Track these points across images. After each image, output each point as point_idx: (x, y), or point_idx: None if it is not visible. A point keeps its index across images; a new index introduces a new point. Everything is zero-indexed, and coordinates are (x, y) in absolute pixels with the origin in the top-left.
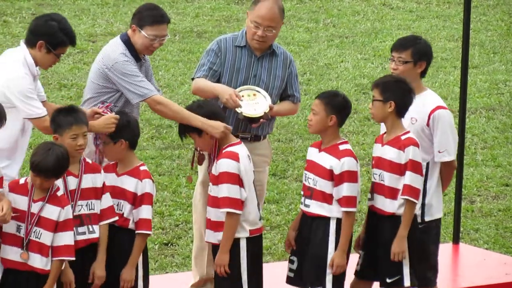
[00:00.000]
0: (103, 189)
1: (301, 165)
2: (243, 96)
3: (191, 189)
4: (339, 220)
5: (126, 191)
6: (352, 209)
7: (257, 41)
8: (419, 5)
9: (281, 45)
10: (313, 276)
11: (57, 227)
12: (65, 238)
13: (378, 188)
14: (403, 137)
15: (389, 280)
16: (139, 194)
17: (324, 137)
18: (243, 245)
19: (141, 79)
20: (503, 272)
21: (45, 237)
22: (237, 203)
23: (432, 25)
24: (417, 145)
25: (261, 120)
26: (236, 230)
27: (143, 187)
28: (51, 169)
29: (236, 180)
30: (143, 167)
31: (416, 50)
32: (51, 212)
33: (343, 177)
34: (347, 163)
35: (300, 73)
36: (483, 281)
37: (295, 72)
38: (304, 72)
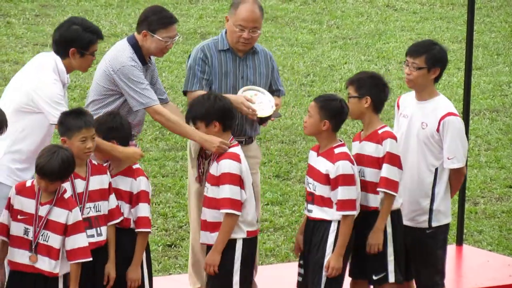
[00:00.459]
0: (109, 190)
1: (304, 166)
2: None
3: None
4: (340, 223)
5: (121, 191)
6: (348, 212)
7: (243, 43)
8: (423, 7)
9: (285, 46)
10: (312, 278)
11: (67, 230)
12: (79, 240)
13: (360, 184)
14: (380, 131)
15: (375, 277)
16: (134, 192)
17: (320, 140)
18: (239, 245)
19: (145, 86)
20: (507, 273)
21: (53, 240)
22: (237, 204)
23: (435, 27)
24: (394, 137)
25: (272, 118)
26: (232, 231)
27: (138, 185)
28: (56, 172)
29: (238, 181)
30: (136, 166)
31: (430, 56)
32: (59, 215)
33: (338, 181)
34: (342, 167)
35: (303, 74)
36: (487, 283)
37: (276, 67)
38: (307, 73)
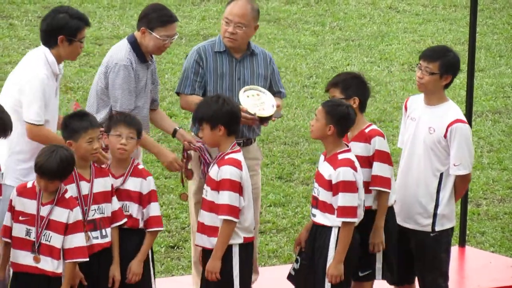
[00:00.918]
0: (112, 192)
1: (307, 168)
2: (248, 96)
3: None
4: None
5: (130, 191)
6: (348, 219)
7: (228, 38)
8: (426, 9)
9: (288, 48)
10: (313, 284)
11: (67, 229)
12: (77, 239)
13: None
14: (367, 130)
15: (361, 273)
16: (145, 193)
17: (325, 145)
18: (235, 251)
19: (128, 90)
20: (509, 275)
21: (55, 240)
22: (235, 211)
23: (438, 29)
24: (382, 135)
25: (273, 118)
26: (230, 237)
27: (148, 185)
28: (55, 171)
29: (237, 188)
30: (141, 166)
31: (444, 62)
32: (60, 214)
33: (339, 187)
34: (343, 173)
35: (306, 76)
36: (489, 284)
37: (276, 69)
38: (310, 75)
